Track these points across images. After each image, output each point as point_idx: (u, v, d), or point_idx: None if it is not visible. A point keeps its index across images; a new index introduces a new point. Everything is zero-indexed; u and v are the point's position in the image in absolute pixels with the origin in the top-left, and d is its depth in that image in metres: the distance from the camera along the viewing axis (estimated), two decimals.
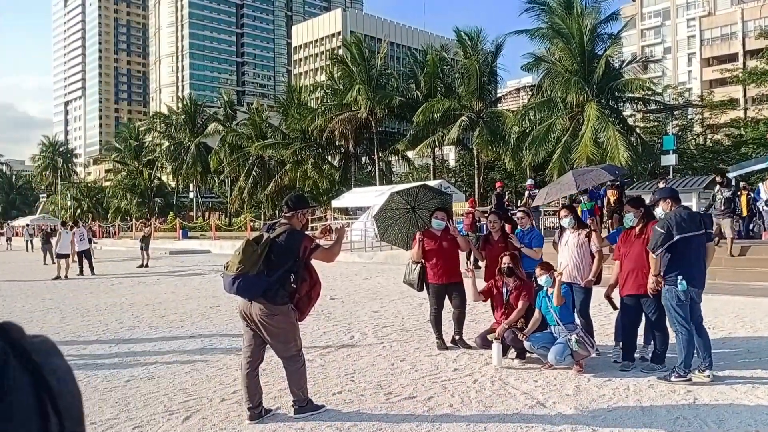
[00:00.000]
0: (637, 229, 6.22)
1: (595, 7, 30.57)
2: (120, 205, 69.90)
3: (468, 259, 15.77)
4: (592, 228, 6.79)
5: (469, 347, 7.15)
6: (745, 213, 16.11)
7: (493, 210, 13.36)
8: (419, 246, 7.26)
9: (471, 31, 38.78)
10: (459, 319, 7.35)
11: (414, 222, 8.00)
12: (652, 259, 5.76)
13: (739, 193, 16.73)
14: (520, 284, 6.62)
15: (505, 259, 6.68)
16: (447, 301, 7.43)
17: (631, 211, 6.33)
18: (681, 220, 5.67)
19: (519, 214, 8.02)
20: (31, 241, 40.55)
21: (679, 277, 5.61)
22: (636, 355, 6.33)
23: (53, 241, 24.15)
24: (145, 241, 21.42)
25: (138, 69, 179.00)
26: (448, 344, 7.32)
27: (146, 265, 20.77)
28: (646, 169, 33.61)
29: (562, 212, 6.99)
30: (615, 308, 6.50)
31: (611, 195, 15.90)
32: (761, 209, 16.48)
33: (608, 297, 6.56)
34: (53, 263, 22.69)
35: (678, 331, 5.68)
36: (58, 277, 17.49)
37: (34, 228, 47.22)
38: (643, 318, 6.31)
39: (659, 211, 6.10)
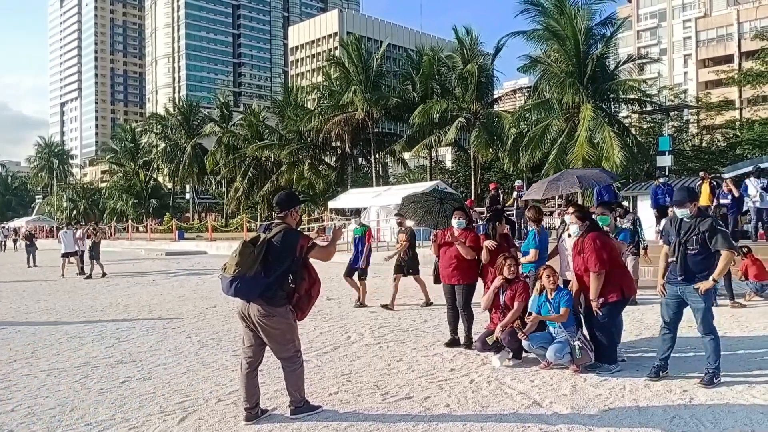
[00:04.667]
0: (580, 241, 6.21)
1: (587, 7, 30.60)
2: (116, 206, 69.74)
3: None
4: None
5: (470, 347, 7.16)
6: (708, 203, 15.85)
7: (495, 209, 13.31)
8: (435, 243, 7.41)
9: (470, 28, 38.97)
10: (465, 320, 7.32)
11: (444, 211, 8.33)
12: (726, 258, 5.54)
13: (699, 182, 16.60)
14: (515, 285, 6.61)
15: (509, 262, 6.65)
16: None
17: (576, 223, 6.30)
18: None
19: (527, 214, 8.05)
20: (5, 242, 41.45)
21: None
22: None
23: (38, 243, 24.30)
24: (95, 248, 18.77)
25: (134, 70, 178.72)
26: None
27: (90, 276, 18.09)
28: (642, 170, 33.66)
29: (571, 217, 6.52)
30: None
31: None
32: (749, 206, 16.40)
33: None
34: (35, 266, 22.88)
35: (714, 332, 5.66)
36: (80, 273, 18.78)
37: (8, 229, 47.93)
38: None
39: (684, 212, 5.72)
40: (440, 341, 7.61)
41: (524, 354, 6.48)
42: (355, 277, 11.17)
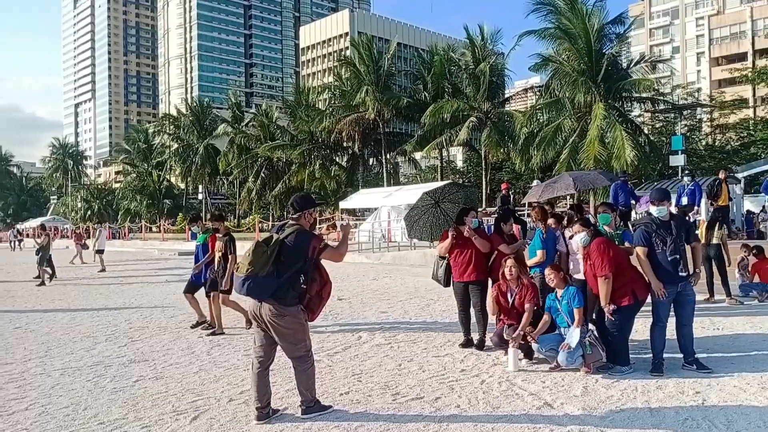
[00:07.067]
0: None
1: (600, 6, 30.40)
2: (130, 207, 70.29)
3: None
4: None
5: (482, 349, 7.13)
6: (727, 203, 15.55)
7: (506, 210, 13.29)
8: (450, 240, 7.26)
9: (483, 26, 39.02)
10: (479, 320, 7.30)
11: (437, 215, 8.27)
12: (699, 248, 6.42)
13: (718, 182, 16.39)
14: (525, 287, 6.58)
15: (509, 262, 6.64)
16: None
17: (582, 231, 6.35)
18: None
19: (532, 214, 8.00)
20: (15, 242, 42.48)
21: None
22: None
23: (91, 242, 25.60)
24: (42, 252, 17.18)
25: (147, 71, 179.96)
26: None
27: (45, 282, 16.65)
28: (655, 170, 33.44)
29: (576, 227, 6.62)
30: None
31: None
32: (766, 205, 16.21)
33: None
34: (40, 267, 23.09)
35: None
36: (102, 270, 20.30)
37: (19, 231, 49.07)
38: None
39: (663, 209, 6.00)
40: (451, 341, 7.61)
41: (536, 354, 6.46)
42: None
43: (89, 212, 77.32)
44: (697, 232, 10.30)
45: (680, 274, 5.84)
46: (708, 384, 5.57)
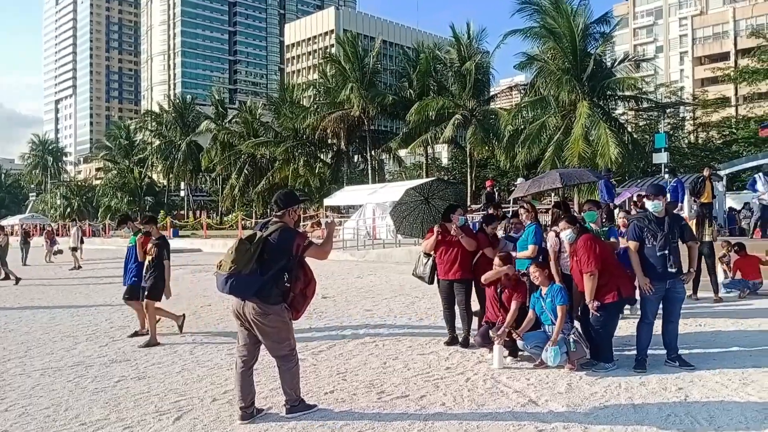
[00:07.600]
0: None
1: (584, 5, 30.55)
2: (110, 204, 69.57)
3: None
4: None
5: (467, 347, 7.13)
6: (710, 200, 15.62)
7: (489, 209, 13.29)
8: (436, 238, 7.25)
9: (470, 24, 39.11)
10: (464, 318, 7.30)
11: (428, 212, 8.30)
12: (696, 248, 6.54)
13: (702, 179, 16.50)
14: (513, 284, 6.59)
15: (496, 261, 6.67)
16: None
17: (568, 228, 6.36)
18: None
19: (521, 211, 7.92)
20: None
21: None
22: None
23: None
24: (1, 252, 16.71)
25: (129, 67, 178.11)
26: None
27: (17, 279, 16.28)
28: (638, 167, 33.72)
29: (562, 224, 6.53)
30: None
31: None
32: (753, 202, 16.36)
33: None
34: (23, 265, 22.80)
35: None
36: (78, 267, 20.65)
37: None
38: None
39: (658, 204, 6.06)
40: (436, 339, 7.60)
41: (520, 352, 6.48)
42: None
43: (69, 209, 76.43)
44: None
45: (669, 270, 5.84)
46: (690, 380, 5.62)
